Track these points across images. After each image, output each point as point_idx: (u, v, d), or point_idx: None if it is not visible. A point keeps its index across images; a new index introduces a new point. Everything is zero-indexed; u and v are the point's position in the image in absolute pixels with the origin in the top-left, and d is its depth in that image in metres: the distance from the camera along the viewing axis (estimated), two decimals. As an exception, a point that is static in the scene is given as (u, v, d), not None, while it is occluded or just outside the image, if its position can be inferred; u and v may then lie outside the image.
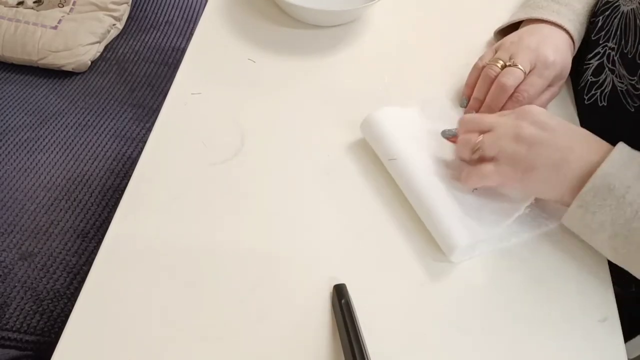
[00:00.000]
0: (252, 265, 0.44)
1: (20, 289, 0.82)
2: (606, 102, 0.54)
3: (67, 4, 1.19)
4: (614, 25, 0.54)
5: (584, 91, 0.57)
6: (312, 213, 0.47)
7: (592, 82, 0.56)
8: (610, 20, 0.54)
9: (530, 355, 0.41)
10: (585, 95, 0.57)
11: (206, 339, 0.40)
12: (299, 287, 0.43)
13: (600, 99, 0.55)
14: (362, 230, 0.47)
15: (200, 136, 0.52)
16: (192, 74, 0.57)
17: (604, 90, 0.54)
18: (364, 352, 0.37)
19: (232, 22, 0.63)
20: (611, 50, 0.54)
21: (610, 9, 0.55)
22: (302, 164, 0.51)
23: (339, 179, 0.50)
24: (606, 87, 0.54)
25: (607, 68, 0.54)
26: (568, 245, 0.47)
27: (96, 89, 1.13)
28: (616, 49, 0.53)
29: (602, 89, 0.54)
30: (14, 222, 0.89)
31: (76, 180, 0.96)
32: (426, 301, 0.43)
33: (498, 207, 0.47)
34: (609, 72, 0.54)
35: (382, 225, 0.47)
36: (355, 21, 0.65)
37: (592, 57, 0.57)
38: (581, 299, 0.44)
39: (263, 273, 0.43)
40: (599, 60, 0.55)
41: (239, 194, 0.48)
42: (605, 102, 0.54)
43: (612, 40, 0.54)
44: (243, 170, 0.50)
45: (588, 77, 0.57)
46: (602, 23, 0.55)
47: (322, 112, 0.55)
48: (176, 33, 1.27)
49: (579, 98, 0.58)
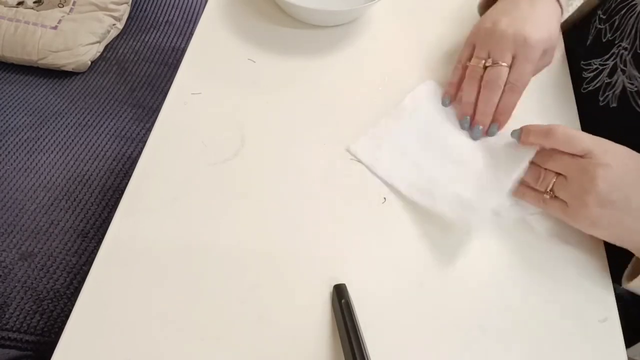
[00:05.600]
0: (252, 265, 0.44)
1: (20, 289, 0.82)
2: (616, 104, 0.53)
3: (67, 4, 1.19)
4: (629, 24, 0.52)
5: (599, 93, 0.56)
6: (312, 213, 0.47)
7: (607, 84, 0.55)
8: (625, 19, 0.53)
9: (530, 355, 0.41)
10: (600, 96, 0.56)
11: (206, 339, 0.40)
12: (299, 287, 0.43)
13: (611, 100, 0.54)
14: (362, 230, 0.47)
15: (200, 136, 0.52)
16: (192, 74, 0.57)
17: (615, 91, 0.53)
18: (364, 352, 0.37)
19: (232, 22, 0.63)
20: (624, 50, 0.53)
21: (626, 8, 0.53)
22: (302, 163, 0.51)
23: (339, 178, 0.50)
24: (617, 88, 0.53)
25: (619, 69, 0.53)
26: (568, 245, 0.47)
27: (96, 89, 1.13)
28: (629, 49, 0.52)
29: (613, 90, 0.54)
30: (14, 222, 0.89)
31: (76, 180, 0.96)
32: (426, 301, 0.43)
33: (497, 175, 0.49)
34: (620, 72, 0.53)
35: (382, 225, 0.47)
36: (355, 21, 0.65)
37: (609, 57, 0.55)
38: (581, 299, 0.44)
39: (263, 273, 0.43)
40: (614, 60, 0.54)
41: (239, 193, 0.48)
42: (615, 104, 0.53)
43: (625, 40, 0.53)
44: (243, 170, 0.50)
45: (604, 79, 0.56)
46: (619, 22, 0.54)
47: (322, 112, 0.55)
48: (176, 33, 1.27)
49: (594, 100, 0.57)
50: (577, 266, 0.46)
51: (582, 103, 0.57)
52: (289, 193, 0.49)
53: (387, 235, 0.46)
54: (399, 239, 0.46)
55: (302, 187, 0.49)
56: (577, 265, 0.46)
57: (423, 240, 0.46)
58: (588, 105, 0.57)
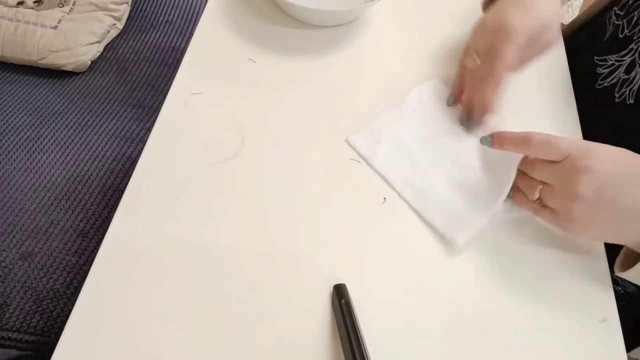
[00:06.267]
0: (252, 265, 0.44)
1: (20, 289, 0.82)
2: (633, 100, 0.53)
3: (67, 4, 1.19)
4: None
5: (614, 89, 0.55)
6: (312, 213, 0.47)
7: (623, 80, 0.54)
8: None
9: (530, 355, 0.41)
10: (617, 93, 0.55)
11: (206, 339, 0.40)
12: (299, 287, 0.43)
13: (628, 96, 0.53)
14: (362, 230, 0.47)
15: (200, 136, 0.52)
16: (192, 74, 0.57)
17: (632, 87, 0.53)
18: (364, 352, 0.37)
19: (232, 22, 0.63)
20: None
21: None
22: (302, 163, 0.51)
23: (339, 178, 0.50)
24: (635, 84, 0.52)
25: (637, 64, 0.53)
26: (568, 245, 0.47)
27: (96, 89, 1.13)
28: None
29: (630, 86, 0.53)
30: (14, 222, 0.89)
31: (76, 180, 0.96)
32: (426, 301, 0.43)
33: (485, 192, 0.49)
34: (638, 68, 0.52)
35: (382, 225, 0.47)
36: (355, 21, 0.65)
37: (626, 53, 0.55)
38: (581, 299, 0.44)
39: (263, 273, 0.43)
40: (632, 56, 0.54)
41: (239, 193, 0.48)
42: (632, 100, 0.53)
43: None
44: (243, 170, 0.50)
45: (620, 75, 0.55)
46: (637, 18, 0.54)
47: (321, 112, 0.55)
48: (176, 33, 1.27)
49: (610, 96, 0.56)
50: (577, 266, 0.46)
51: (596, 99, 0.57)
52: (289, 193, 0.48)
53: (387, 235, 0.46)
54: (398, 239, 0.46)
55: (302, 187, 0.49)
56: (577, 265, 0.46)
57: (423, 240, 0.46)
58: (603, 101, 0.57)
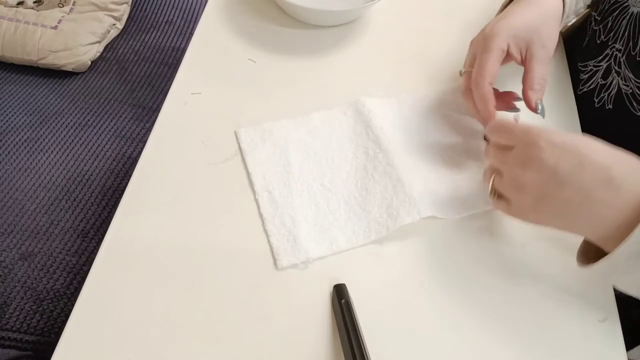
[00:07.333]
0: (252, 265, 0.44)
1: (20, 289, 0.82)
2: (612, 106, 0.54)
3: (67, 4, 1.19)
4: (622, 26, 0.53)
5: (594, 94, 0.56)
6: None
7: (601, 85, 0.55)
8: (618, 21, 0.53)
9: (530, 355, 0.41)
10: (595, 98, 0.56)
11: (206, 339, 0.40)
12: (299, 287, 0.43)
13: (607, 101, 0.54)
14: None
15: (200, 136, 0.52)
16: (192, 74, 0.57)
17: (610, 93, 0.54)
18: (364, 352, 0.37)
19: (232, 22, 0.63)
20: (618, 51, 0.53)
21: (619, 10, 0.54)
22: (302, 164, 0.51)
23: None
24: (612, 89, 0.53)
25: (614, 70, 0.53)
26: (568, 245, 0.47)
27: (96, 89, 1.13)
28: (623, 50, 0.52)
29: (608, 91, 0.54)
30: (14, 222, 0.89)
31: (76, 180, 0.96)
32: (426, 301, 0.43)
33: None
34: (615, 74, 0.53)
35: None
36: (355, 21, 0.65)
37: (602, 59, 0.56)
38: (581, 299, 0.44)
39: (263, 273, 0.43)
40: (607, 62, 0.55)
41: (239, 193, 0.48)
42: (611, 105, 0.54)
43: (619, 42, 0.53)
44: (243, 169, 0.50)
45: (598, 80, 0.56)
46: (611, 24, 0.55)
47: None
48: (176, 33, 1.28)
49: (589, 101, 0.57)
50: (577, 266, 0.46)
51: (579, 104, 0.58)
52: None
53: (387, 235, 0.46)
54: (398, 239, 0.46)
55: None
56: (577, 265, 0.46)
57: (423, 240, 0.46)
58: (584, 106, 0.58)
